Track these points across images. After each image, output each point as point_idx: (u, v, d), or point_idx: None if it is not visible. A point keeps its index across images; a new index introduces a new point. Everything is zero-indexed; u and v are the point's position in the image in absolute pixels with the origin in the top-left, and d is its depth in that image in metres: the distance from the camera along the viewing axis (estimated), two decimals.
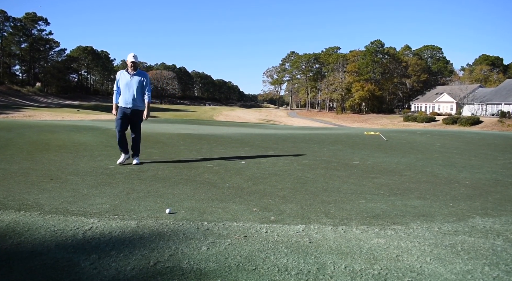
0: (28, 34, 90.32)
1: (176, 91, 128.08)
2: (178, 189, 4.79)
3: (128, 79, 6.67)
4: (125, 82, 6.68)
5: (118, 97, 6.78)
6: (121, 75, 6.80)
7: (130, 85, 6.66)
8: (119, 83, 6.74)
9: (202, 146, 9.59)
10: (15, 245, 2.57)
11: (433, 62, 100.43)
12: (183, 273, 2.18)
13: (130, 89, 6.66)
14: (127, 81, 6.67)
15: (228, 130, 17.53)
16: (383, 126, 55.59)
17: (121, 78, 6.73)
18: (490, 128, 44.02)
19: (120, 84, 6.73)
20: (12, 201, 3.85)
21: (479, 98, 64.09)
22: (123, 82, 6.70)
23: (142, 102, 6.79)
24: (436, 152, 9.75)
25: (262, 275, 2.18)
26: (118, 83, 6.75)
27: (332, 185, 5.33)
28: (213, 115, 71.76)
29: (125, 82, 6.68)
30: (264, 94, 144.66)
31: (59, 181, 5.05)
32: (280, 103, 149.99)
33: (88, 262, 2.30)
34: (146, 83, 6.76)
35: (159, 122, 25.96)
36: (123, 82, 6.70)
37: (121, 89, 6.73)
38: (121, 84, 6.72)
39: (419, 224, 3.33)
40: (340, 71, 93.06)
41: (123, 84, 6.70)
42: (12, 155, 7.38)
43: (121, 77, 6.75)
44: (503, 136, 15.51)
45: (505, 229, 3.24)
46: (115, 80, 6.89)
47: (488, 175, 6.40)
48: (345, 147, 10.57)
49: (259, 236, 2.85)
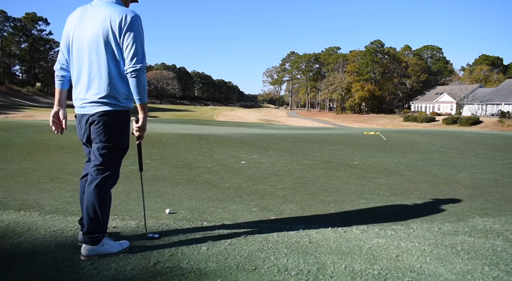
0: (28, 34, 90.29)
1: (176, 91, 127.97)
2: (178, 189, 4.79)
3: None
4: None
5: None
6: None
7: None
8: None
9: (202, 146, 9.59)
10: (15, 245, 2.57)
11: (433, 62, 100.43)
12: (183, 273, 2.18)
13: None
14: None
15: (228, 130, 17.53)
16: (383, 126, 55.60)
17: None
18: (490, 128, 44.01)
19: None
20: (12, 201, 3.85)
21: (479, 98, 64.09)
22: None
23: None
24: (436, 152, 9.75)
25: (262, 275, 2.18)
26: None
27: (332, 185, 5.33)
28: (213, 115, 71.77)
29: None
30: (264, 94, 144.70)
31: (59, 181, 5.05)
32: (280, 103, 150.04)
33: (88, 262, 2.30)
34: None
35: (159, 122, 25.98)
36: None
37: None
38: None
39: (419, 224, 3.33)
40: (340, 71, 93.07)
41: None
42: (12, 155, 7.38)
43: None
44: (503, 136, 15.51)
45: (505, 229, 3.24)
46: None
47: (488, 175, 6.40)
48: (345, 147, 10.57)
49: (259, 236, 2.85)
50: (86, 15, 2.40)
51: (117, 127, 2.42)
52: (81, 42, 2.39)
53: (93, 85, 2.37)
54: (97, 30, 2.33)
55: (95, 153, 2.43)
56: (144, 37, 2.40)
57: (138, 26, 2.35)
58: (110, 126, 2.39)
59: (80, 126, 2.50)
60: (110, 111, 2.38)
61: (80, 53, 2.40)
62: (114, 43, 2.32)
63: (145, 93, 2.39)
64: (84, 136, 2.49)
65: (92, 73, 2.37)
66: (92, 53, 2.35)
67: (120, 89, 2.39)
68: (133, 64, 2.31)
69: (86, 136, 2.48)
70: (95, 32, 2.33)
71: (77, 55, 2.42)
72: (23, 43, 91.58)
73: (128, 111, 2.49)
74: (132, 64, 2.31)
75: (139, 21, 2.37)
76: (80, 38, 2.39)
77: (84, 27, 2.38)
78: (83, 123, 2.46)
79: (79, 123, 2.50)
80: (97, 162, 2.42)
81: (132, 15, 2.34)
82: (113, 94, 2.37)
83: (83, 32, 2.38)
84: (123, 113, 2.44)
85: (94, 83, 2.37)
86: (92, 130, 2.41)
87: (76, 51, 2.42)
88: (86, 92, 2.39)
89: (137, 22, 2.35)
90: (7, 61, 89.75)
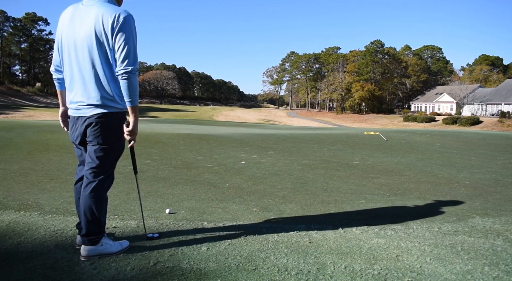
0: (28, 34, 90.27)
1: (176, 91, 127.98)
2: (178, 189, 4.79)
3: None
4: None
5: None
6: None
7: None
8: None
9: (202, 146, 9.59)
10: (15, 245, 2.57)
11: (433, 62, 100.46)
12: (183, 273, 2.18)
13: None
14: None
15: (228, 130, 17.53)
16: (383, 126, 55.60)
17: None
18: (490, 128, 44.01)
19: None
20: (12, 201, 3.85)
21: (479, 98, 64.09)
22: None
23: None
24: (436, 152, 9.75)
25: (262, 275, 2.18)
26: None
27: (332, 185, 5.33)
28: (213, 115, 71.77)
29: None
30: (264, 94, 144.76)
31: (59, 181, 5.05)
32: (280, 103, 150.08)
33: (88, 262, 2.30)
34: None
35: (159, 122, 25.98)
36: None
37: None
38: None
39: (419, 224, 3.33)
40: (340, 71, 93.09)
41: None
42: (12, 155, 7.38)
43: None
44: (503, 136, 15.51)
45: (505, 229, 3.24)
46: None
47: (488, 175, 6.40)
48: (345, 147, 10.57)
49: (259, 236, 2.85)
50: (78, 15, 2.34)
51: (114, 128, 2.38)
52: (73, 43, 2.33)
53: (88, 87, 2.33)
54: (90, 30, 2.26)
55: (92, 155, 2.38)
56: (136, 38, 2.32)
57: (131, 26, 2.27)
58: (107, 128, 2.35)
59: (74, 128, 2.45)
60: (108, 113, 2.34)
61: (72, 54, 2.35)
62: (107, 44, 2.26)
63: (137, 95, 2.33)
64: (78, 138, 2.44)
65: (86, 75, 2.32)
66: (85, 54, 2.30)
67: (115, 91, 2.34)
68: (125, 66, 2.25)
69: (80, 138, 2.42)
70: (87, 33, 2.27)
71: (69, 56, 2.37)
72: (23, 43, 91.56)
73: (125, 112, 2.43)
74: (124, 66, 2.25)
75: (132, 21, 2.29)
76: (72, 39, 2.33)
77: (76, 28, 2.32)
78: (78, 125, 2.41)
79: (73, 125, 2.46)
80: (94, 165, 2.38)
81: (125, 15, 2.26)
82: (110, 96, 2.33)
83: (76, 33, 2.32)
84: (120, 114, 2.40)
85: (89, 85, 2.33)
86: (89, 133, 2.36)
87: (68, 52, 2.37)
88: (82, 94, 2.35)
89: (130, 22, 2.27)
90: (7, 61, 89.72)
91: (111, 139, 2.39)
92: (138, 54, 2.34)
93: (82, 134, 2.40)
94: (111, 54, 2.29)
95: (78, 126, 2.41)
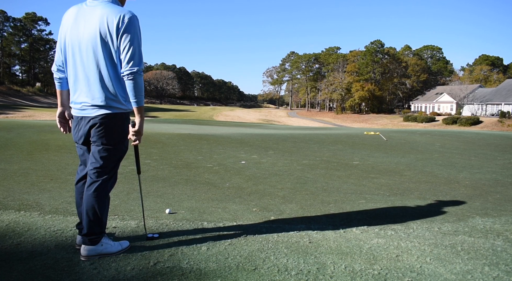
0: (28, 34, 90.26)
1: (176, 91, 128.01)
2: (178, 189, 4.79)
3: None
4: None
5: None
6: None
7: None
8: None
9: (202, 146, 9.59)
10: (15, 245, 2.57)
11: (433, 62, 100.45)
12: (183, 273, 2.18)
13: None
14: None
15: (228, 130, 17.54)
16: (383, 126, 55.60)
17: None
18: (490, 128, 44.01)
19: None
20: (12, 201, 3.85)
21: (479, 98, 64.09)
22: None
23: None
24: (436, 152, 9.75)
25: (262, 275, 2.18)
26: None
27: (332, 185, 5.33)
28: (213, 115, 71.77)
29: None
30: (264, 94, 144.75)
31: (59, 181, 5.05)
32: (280, 103, 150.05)
33: (88, 262, 2.30)
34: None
35: (159, 122, 25.99)
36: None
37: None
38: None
39: (419, 224, 3.33)
40: (340, 71, 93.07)
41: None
42: (12, 155, 7.38)
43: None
44: (503, 136, 15.51)
45: (505, 229, 3.24)
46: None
47: (488, 175, 6.40)
48: (345, 147, 10.57)
49: (259, 236, 2.85)
50: (82, 16, 2.34)
51: (118, 129, 2.40)
52: (77, 44, 2.33)
53: (93, 88, 2.34)
54: (94, 31, 2.27)
55: (96, 155, 2.40)
56: (141, 38, 2.34)
57: (136, 27, 2.29)
58: (111, 128, 2.37)
59: (78, 128, 2.44)
60: (112, 114, 2.36)
61: (76, 55, 2.35)
62: (112, 45, 2.28)
63: (142, 96, 2.34)
64: (81, 138, 2.44)
65: (90, 75, 2.33)
66: (89, 55, 2.30)
67: (119, 92, 2.36)
68: (130, 66, 2.27)
69: (84, 138, 2.42)
70: (92, 34, 2.28)
71: (73, 57, 2.37)
72: (23, 43, 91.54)
73: (129, 113, 2.45)
74: (129, 67, 2.27)
75: (137, 22, 2.31)
76: (76, 39, 2.33)
77: (80, 28, 2.32)
78: (81, 125, 2.41)
79: (76, 125, 2.45)
80: (97, 165, 2.39)
81: (130, 16, 2.27)
82: (114, 97, 2.35)
83: (80, 34, 2.32)
84: (124, 115, 2.42)
85: (94, 86, 2.33)
86: (93, 133, 2.37)
87: (72, 53, 2.37)
88: (86, 95, 2.35)
89: (135, 23, 2.29)
90: (7, 61, 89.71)
91: (114, 139, 2.41)
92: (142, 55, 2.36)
93: (86, 134, 2.41)
94: (116, 55, 2.31)
95: (81, 126, 2.42)
